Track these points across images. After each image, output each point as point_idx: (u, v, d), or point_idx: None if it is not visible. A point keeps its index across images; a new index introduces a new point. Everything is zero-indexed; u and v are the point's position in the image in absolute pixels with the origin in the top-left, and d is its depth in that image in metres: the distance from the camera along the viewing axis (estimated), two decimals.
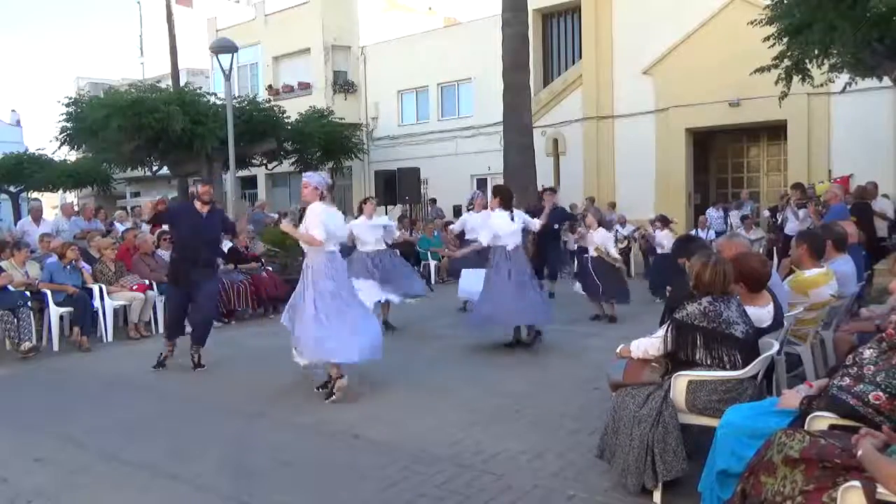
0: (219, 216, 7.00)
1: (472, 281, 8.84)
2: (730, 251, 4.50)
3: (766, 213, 13.44)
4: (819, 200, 10.47)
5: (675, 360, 3.79)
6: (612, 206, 16.34)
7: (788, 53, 9.92)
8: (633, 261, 14.20)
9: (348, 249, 7.91)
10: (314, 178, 5.97)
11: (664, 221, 11.29)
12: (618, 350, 4.19)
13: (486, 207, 8.54)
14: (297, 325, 5.76)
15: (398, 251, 9.69)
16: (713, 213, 14.82)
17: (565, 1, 18.64)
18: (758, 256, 4.47)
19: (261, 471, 4.29)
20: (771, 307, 4.13)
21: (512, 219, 7.50)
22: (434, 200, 19.48)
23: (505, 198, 7.63)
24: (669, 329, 3.78)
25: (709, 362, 3.66)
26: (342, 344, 5.57)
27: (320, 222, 5.66)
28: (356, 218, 8.58)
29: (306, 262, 5.86)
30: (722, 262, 3.82)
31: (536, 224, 7.97)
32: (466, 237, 9.29)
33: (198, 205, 6.94)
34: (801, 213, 10.18)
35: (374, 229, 8.43)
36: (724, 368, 3.64)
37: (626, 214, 15.20)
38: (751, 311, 3.95)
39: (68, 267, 8.49)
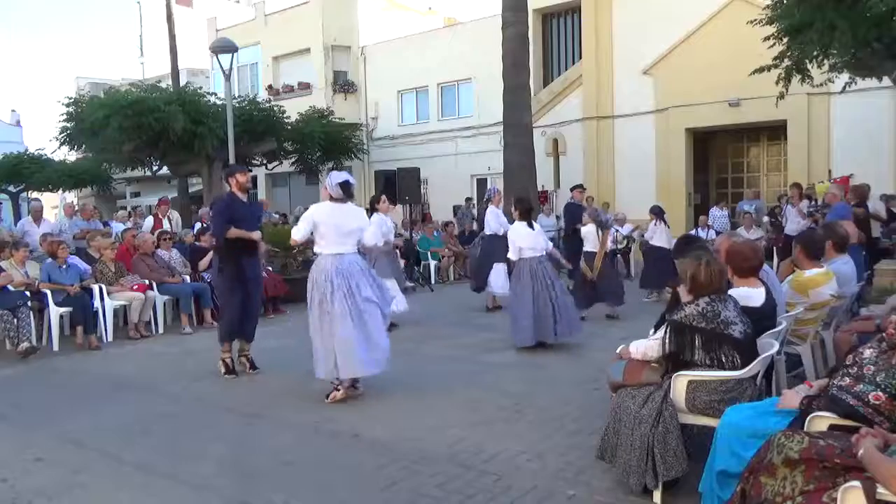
0: (256, 202, 6.90)
1: (502, 276, 9.13)
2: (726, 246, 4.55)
3: (766, 219, 13.40)
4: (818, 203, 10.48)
5: (674, 360, 3.79)
6: (606, 206, 16.32)
7: (788, 53, 9.91)
8: (634, 261, 14.20)
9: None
10: (326, 179, 5.90)
11: (658, 214, 11.29)
12: (618, 350, 4.20)
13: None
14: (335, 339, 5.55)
15: (398, 252, 9.80)
16: (717, 212, 14.80)
17: (565, 1, 18.63)
18: (749, 244, 4.49)
19: (261, 471, 4.29)
20: (762, 290, 4.14)
21: (531, 227, 7.55)
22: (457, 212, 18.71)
23: (524, 208, 7.66)
24: (668, 331, 3.78)
25: (708, 363, 3.66)
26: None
27: (307, 220, 5.64)
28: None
29: (331, 268, 5.63)
30: (713, 261, 3.83)
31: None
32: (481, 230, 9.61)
33: (240, 194, 6.72)
34: (806, 220, 10.15)
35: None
36: (723, 369, 3.64)
37: (627, 214, 15.19)
38: (741, 290, 3.96)
39: (64, 266, 8.49)
